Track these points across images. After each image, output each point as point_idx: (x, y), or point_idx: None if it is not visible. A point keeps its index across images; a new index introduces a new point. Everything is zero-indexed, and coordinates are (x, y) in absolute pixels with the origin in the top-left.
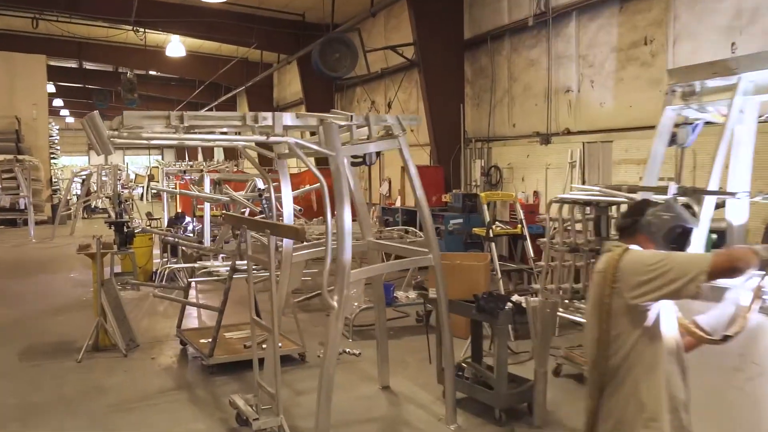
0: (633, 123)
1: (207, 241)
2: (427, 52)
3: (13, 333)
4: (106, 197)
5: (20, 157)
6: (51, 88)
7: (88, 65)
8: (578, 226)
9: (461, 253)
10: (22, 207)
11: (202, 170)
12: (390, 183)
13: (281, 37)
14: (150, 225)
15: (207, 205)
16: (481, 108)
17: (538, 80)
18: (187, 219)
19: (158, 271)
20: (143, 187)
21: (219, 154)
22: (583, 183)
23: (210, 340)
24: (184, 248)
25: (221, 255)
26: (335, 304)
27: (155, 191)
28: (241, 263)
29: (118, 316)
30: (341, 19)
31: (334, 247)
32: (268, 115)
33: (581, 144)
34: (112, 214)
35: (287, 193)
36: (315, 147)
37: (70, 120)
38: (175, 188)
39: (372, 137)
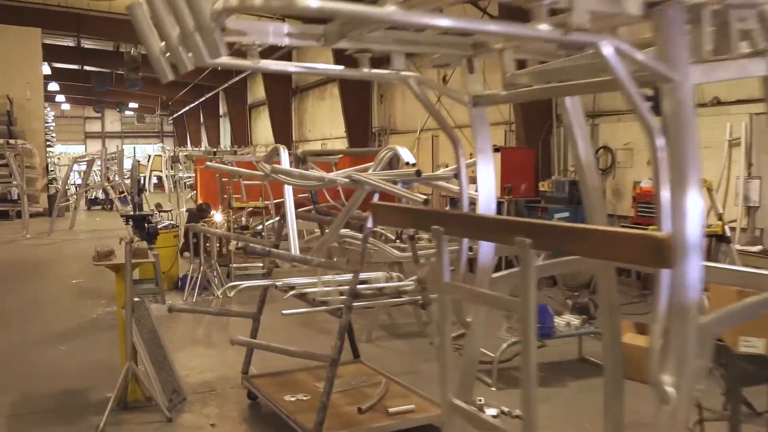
0: None
1: (294, 246)
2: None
3: None
4: (111, 186)
5: (12, 141)
6: (46, 69)
7: (87, 44)
8: None
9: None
10: (15, 197)
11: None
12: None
13: None
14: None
15: (289, 191)
16: None
17: None
18: (213, 212)
19: (188, 279)
20: (144, 176)
21: (225, 139)
22: (750, 166)
23: (302, 396)
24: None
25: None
26: (672, 391)
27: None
28: (363, 278)
29: (156, 358)
30: None
31: None
32: None
33: (747, 116)
34: (118, 205)
35: (487, 171)
36: (648, 61)
37: (66, 107)
38: (195, 175)
39: (734, 50)
